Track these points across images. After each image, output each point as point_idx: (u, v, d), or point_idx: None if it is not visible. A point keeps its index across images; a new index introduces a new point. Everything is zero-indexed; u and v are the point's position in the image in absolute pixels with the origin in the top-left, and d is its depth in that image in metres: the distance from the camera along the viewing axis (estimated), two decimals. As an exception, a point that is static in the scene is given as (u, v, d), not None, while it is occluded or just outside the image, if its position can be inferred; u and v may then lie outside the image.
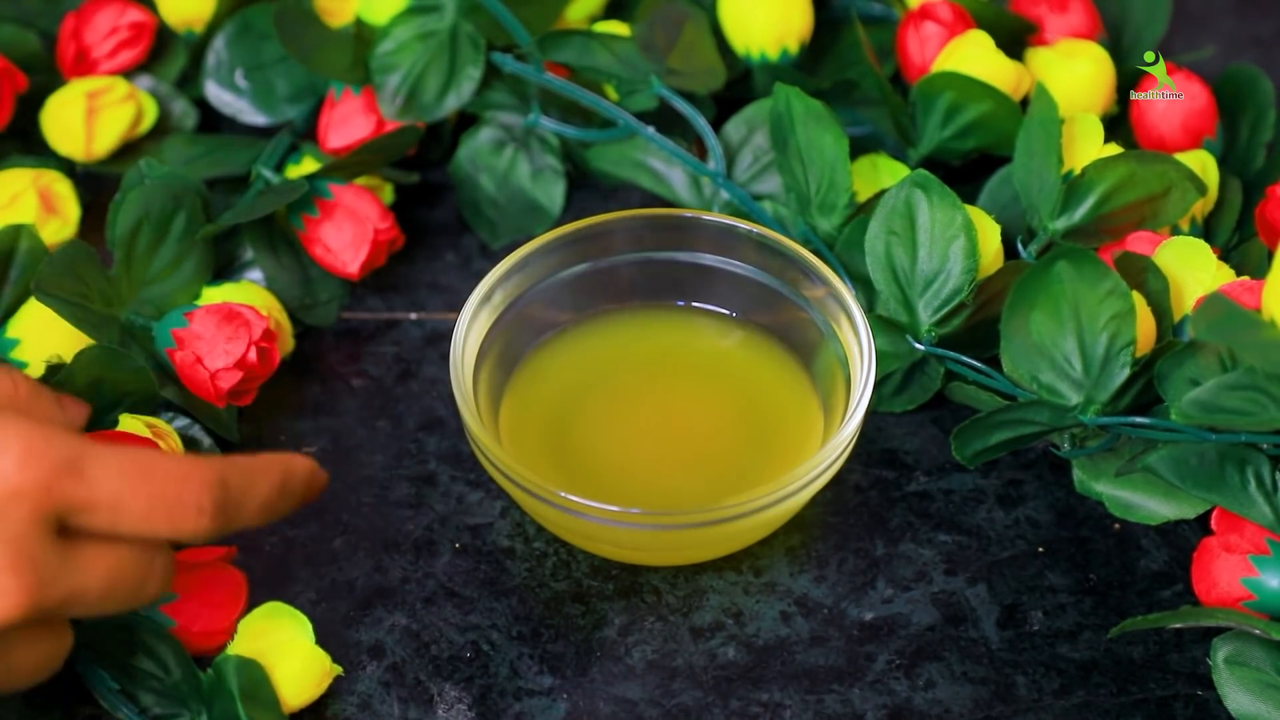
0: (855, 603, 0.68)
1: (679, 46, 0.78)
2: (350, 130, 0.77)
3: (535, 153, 0.79)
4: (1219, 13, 0.89)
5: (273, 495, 0.59)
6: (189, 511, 0.56)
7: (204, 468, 0.56)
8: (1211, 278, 0.69)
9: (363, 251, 0.74)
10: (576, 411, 0.70)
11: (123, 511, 0.55)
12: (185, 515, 0.56)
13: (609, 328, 0.73)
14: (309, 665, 0.63)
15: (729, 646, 0.66)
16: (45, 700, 0.63)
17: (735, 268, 0.72)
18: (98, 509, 0.55)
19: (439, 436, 0.72)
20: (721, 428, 0.70)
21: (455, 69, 0.77)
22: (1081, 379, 0.67)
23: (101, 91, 0.77)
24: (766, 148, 0.76)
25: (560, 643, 0.66)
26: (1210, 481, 0.66)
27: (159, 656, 0.63)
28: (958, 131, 0.75)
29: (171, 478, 0.56)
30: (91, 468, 0.55)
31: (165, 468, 0.56)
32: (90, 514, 0.55)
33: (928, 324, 0.70)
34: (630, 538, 0.65)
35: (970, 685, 0.65)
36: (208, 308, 0.70)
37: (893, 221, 0.70)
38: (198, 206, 0.72)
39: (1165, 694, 0.65)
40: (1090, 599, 0.68)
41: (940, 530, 0.69)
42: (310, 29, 0.78)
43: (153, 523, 0.56)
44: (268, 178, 0.76)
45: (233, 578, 0.65)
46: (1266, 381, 0.63)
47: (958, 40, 0.75)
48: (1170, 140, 0.75)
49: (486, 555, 0.69)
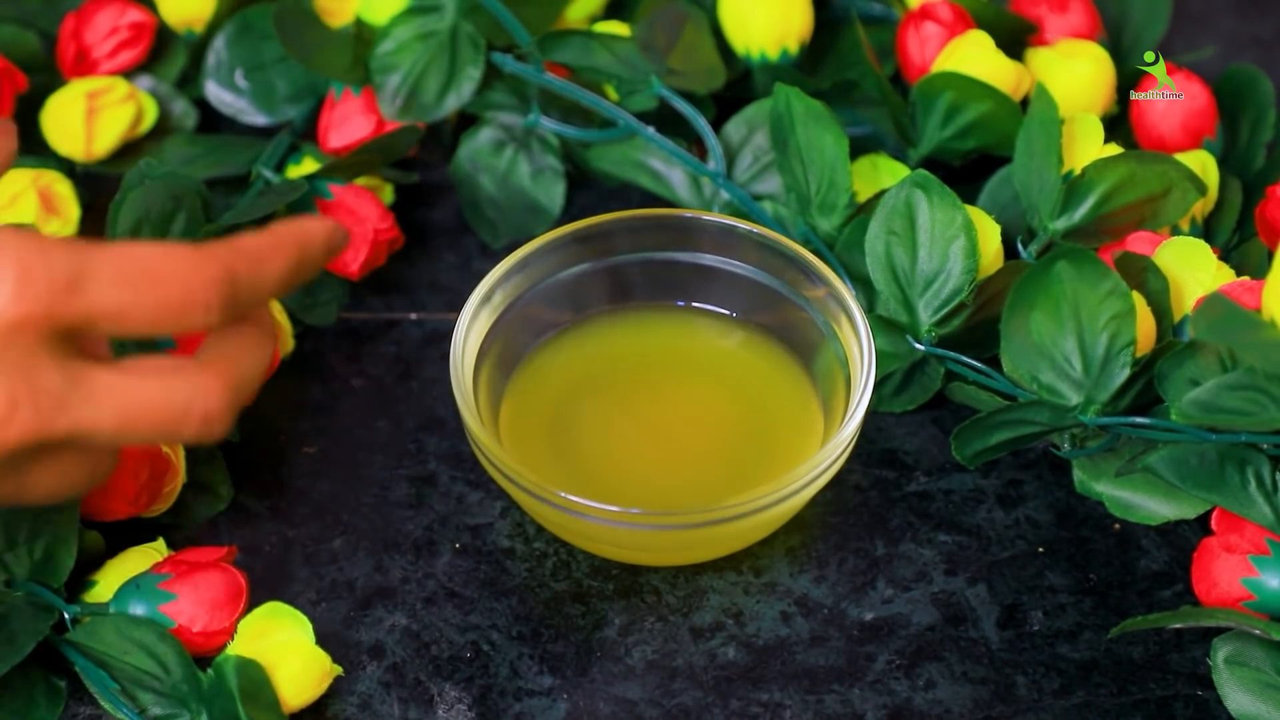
0: (855, 603, 0.68)
1: (679, 46, 0.78)
2: (350, 130, 0.77)
3: (535, 153, 0.79)
4: (1219, 13, 0.89)
5: (289, 270, 0.57)
6: (196, 310, 0.55)
7: (209, 263, 0.55)
8: (1211, 278, 0.69)
9: (363, 251, 0.74)
10: (576, 411, 0.70)
11: (127, 319, 0.54)
12: (193, 314, 0.55)
13: (609, 328, 0.73)
14: (309, 665, 0.63)
15: (729, 646, 0.66)
16: (45, 700, 0.64)
17: (735, 268, 0.72)
18: (102, 320, 0.54)
19: (439, 436, 0.72)
20: (721, 428, 0.70)
21: (455, 69, 0.77)
22: (1081, 379, 0.67)
23: (102, 92, 0.77)
24: (766, 148, 0.76)
25: (560, 643, 0.66)
26: (1210, 481, 0.66)
27: (159, 657, 0.63)
28: (958, 131, 0.75)
29: (176, 279, 0.54)
30: (92, 281, 0.54)
31: (169, 269, 0.54)
32: (95, 325, 0.54)
33: (928, 324, 0.70)
34: (630, 538, 0.65)
35: (970, 685, 0.65)
36: (208, 308, 0.70)
37: (893, 221, 0.70)
38: (198, 206, 0.72)
39: (1165, 694, 0.65)
40: (1090, 599, 0.68)
41: (940, 530, 0.69)
42: (310, 29, 0.78)
43: (160, 325, 0.54)
44: (268, 178, 0.76)
45: (233, 578, 0.65)
46: (1266, 381, 0.63)
47: (958, 40, 0.75)
48: (1170, 140, 0.75)
49: (486, 555, 0.69)
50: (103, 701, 0.63)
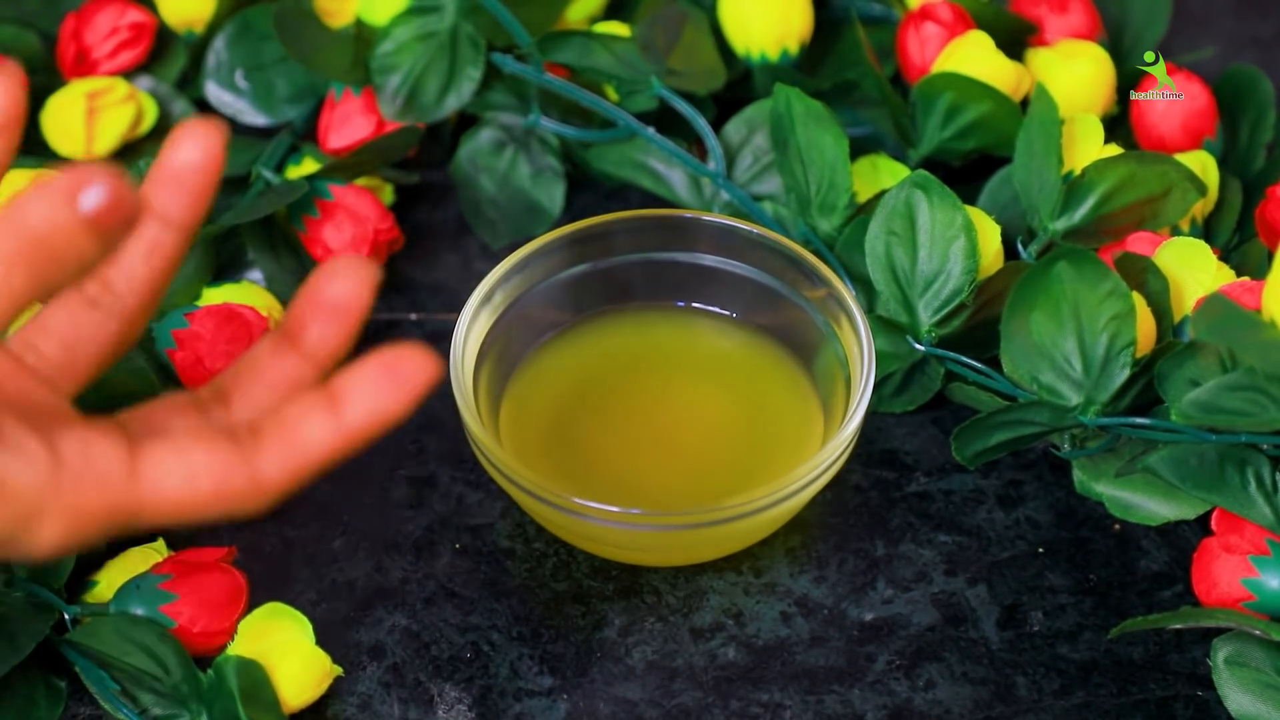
0: (855, 603, 0.68)
1: (679, 47, 0.78)
2: (350, 131, 0.77)
3: (535, 153, 0.79)
4: (1219, 13, 0.89)
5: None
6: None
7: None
8: (1211, 278, 0.69)
9: (363, 252, 0.74)
10: (576, 411, 0.70)
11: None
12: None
13: (609, 328, 0.73)
14: (309, 666, 0.63)
15: (729, 647, 0.66)
16: (45, 700, 0.64)
17: (735, 268, 0.72)
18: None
19: (439, 436, 0.72)
20: (721, 428, 0.70)
21: (455, 69, 0.77)
22: (1081, 379, 0.67)
23: (102, 92, 0.77)
24: (766, 148, 0.76)
25: (560, 643, 0.66)
26: (1210, 482, 0.66)
27: (159, 656, 0.63)
28: (958, 132, 0.75)
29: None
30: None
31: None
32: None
33: (928, 324, 0.70)
34: (630, 538, 0.65)
35: (970, 685, 0.65)
36: (208, 308, 0.70)
37: (893, 222, 0.70)
38: (198, 207, 0.72)
39: (1165, 694, 0.65)
40: (1090, 599, 0.68)
41: (940, 531, 0.69)
42: (310, 29, 0.78)
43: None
44: (268, 178, 0.76)
45: (233, 578, 0.65)
46: (1266, 382, 0.63)
47: (958, 41, 0.75)
48: (1170, 140, 0.75)
49: (486, 556, 0.69)
50: (103, 702, 0.63)
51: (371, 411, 0.52)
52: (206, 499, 0.52)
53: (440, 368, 0.53)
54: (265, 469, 0.53)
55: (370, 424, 0.52)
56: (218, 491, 0.52)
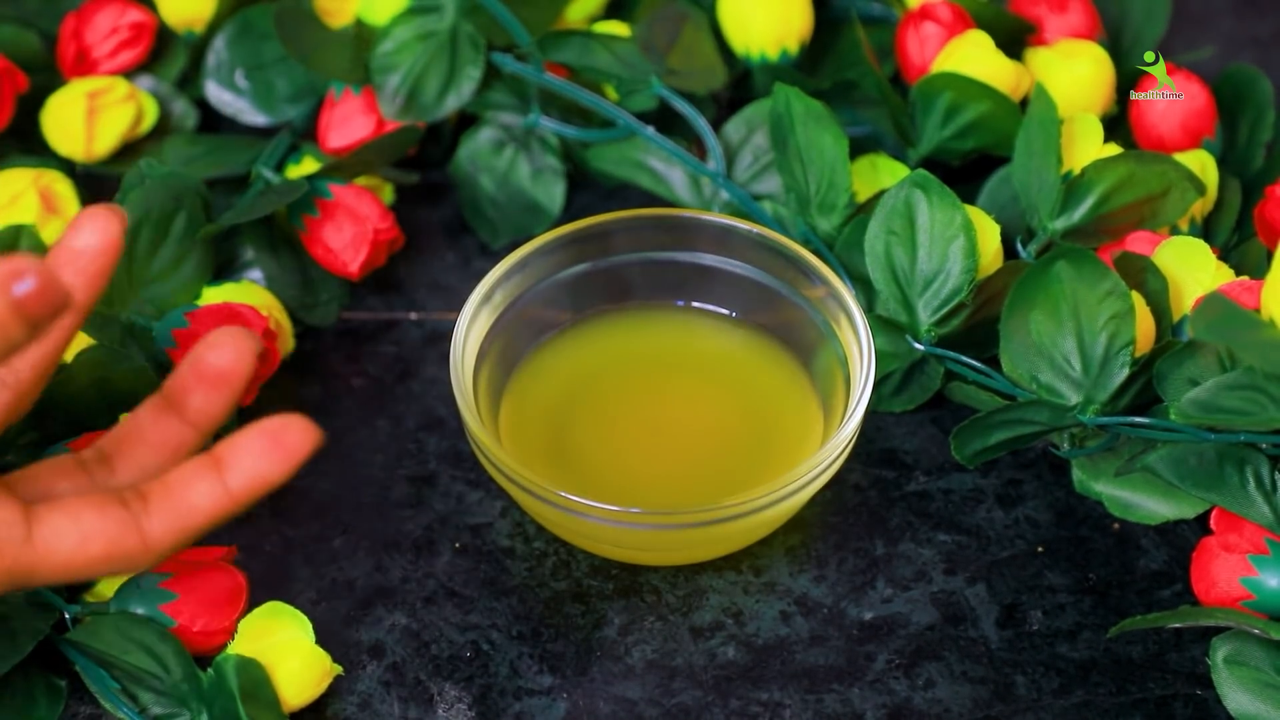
0: (855, 602, 0.68)
1: (679, 46, 0.78)
2: (350, 130, 0.77)
3: (535, 153, 0.79)
4: (1219, 13, 0.89)
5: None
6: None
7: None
8: (1211, 278, 0.69)
9: (363, 251, 0.74)
10: (576, 411, 0.70)
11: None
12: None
13: (609, 328, 0.73)
14: (309, 665, 0.63)
15: (729, 646, 0.66)
16: (45, 699, 0.64)
17: (735, 268, 0.72)
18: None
19: (439, 436, 0.72)
20: (721, 428, 0.70)
21: (455, 69, 0.77)
22: (1081, 379, 0.67)
23: (102, 91, 0.77)
24: (766, 148, 0.76)
25: (560, 642, 0.67)
26: (1209, 481, 0.66)
27: (159, 656, 0.63)
28: (957, 131, 0.75)
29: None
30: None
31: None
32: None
33: (927, 324, 0.70)
34: (630, 537, 0.65)
35: (970, 685, 0.65)
36: (208, 308, 0.70)
37: (892, 221, 0.70)
38: (198, 206, 0.72)
39: (1164, 694, 0.65)
40: (1090, 599, 0.68)
41: (940, 530, 0.70)
42: (310, 29, 0.78)
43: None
44: (268, 178, 0.76)
45: (233, 578, 0.65)
46: (1266, 381, 0.63)
47: (957, 40, 0.75)
48: (1170, 140, 0.75)
49: (486, 555, 0.69)
50: (103, 701, 0.63)
51: (254, 477, 0.55)
52: (98, 559, 0.55)
53: (320, 436, 0.56)
54: (153, 531, 0.56)
55: (253, 489, 0.56)
56: (108, 553, 0.55)
